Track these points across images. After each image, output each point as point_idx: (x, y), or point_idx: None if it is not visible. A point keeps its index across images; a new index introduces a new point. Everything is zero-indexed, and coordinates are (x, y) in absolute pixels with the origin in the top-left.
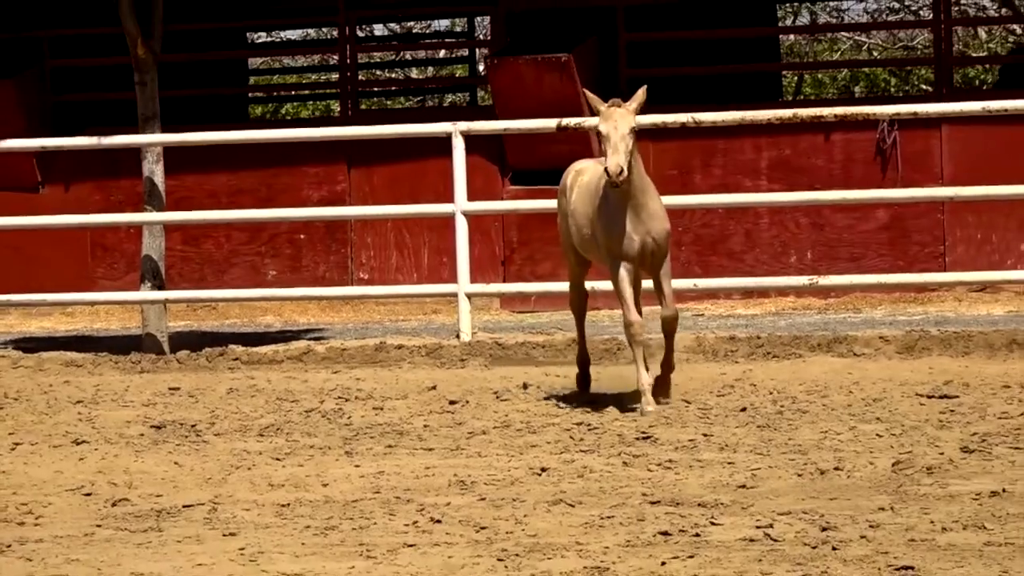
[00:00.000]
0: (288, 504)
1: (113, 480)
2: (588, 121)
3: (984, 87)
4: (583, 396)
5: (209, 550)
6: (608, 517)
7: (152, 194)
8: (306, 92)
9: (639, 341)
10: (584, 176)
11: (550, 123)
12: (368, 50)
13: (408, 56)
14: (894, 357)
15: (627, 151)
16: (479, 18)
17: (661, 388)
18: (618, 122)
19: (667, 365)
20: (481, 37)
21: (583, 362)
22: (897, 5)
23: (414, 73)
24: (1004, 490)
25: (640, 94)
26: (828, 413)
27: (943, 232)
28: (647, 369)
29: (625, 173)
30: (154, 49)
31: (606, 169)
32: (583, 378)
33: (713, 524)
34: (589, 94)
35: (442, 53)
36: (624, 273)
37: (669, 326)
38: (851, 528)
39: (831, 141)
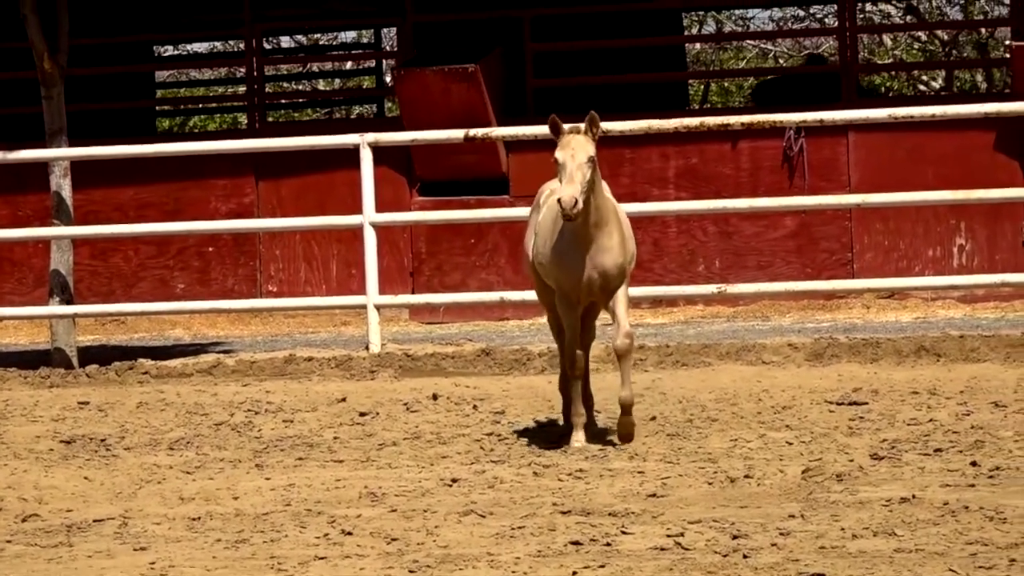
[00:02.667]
0: (199, 518)
1: (23, 495)
2: (495, 131)
3: (891, 94)
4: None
5: (120, 564)
6: (519, 527)
7: (60, 208)
8: (213, 105)
9: (575, 375)
10: (554, 196)
11: (458, 134)
12: (275, 62)
13: (315, 68)
14: (803, 364)
15: (583, 181)
16: (386, 29)
17: (622, 427)
18: (575, 150)
19: (624, 399)
20: (388, 48)
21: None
22: (802, 13)
23: (321, 85)
24: (914, 496)
25: (594, 117)
26: (738, 421)
27: (851, 239)
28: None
29: (580, 205)
30: (61, 63)
31: (559, 200)
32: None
33: (624, 533)
34: (556, 119)
35: (349, 65)
36: (568, 304)
37: (623, 349)
38: (762, 536)
39: (738, 149)
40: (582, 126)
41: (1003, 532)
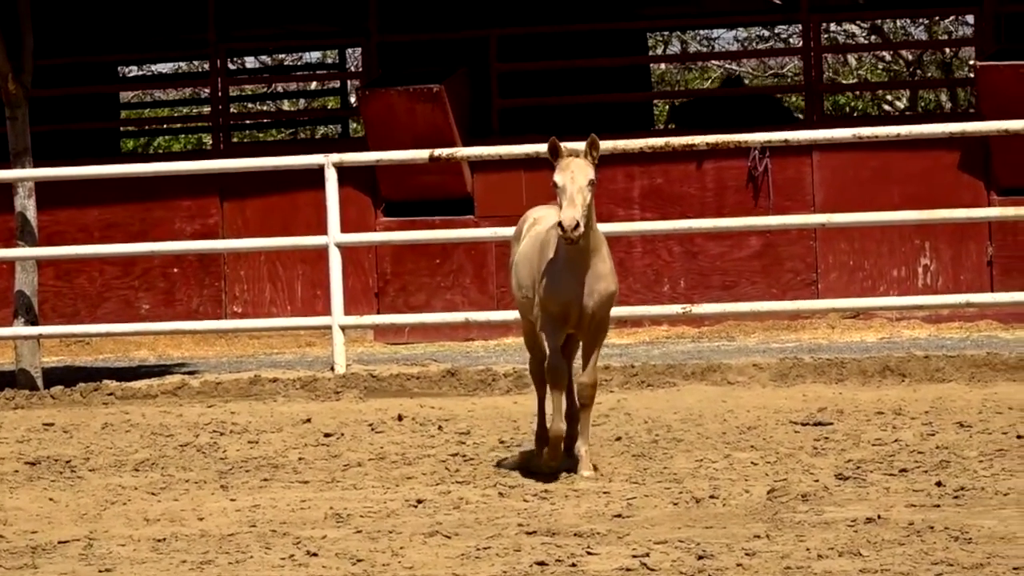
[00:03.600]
0: (164, 539)
1: None
2: (460, 152)
3: (855, 114)
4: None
5: None
6: (484, 548)
7: (24, 229)
8: (178, 125)
9: (558, 386)
10: (538, 225)
11: (422, 154)
12: (239, 83)
13: (280, 88)
14: (768, 385)
15: (584, 204)
16: (350, 50)
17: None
18: (575, 173)
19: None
20: (352, 68)
21: (542, 442)
22: (767, 33)
23: (286, 105)
24: (879, 516)
25: (595, 140)
26: (703, 441)
27: (815, 259)
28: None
29: (581, 228)
30: (25, 84)
31: (560, 223)
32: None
33: (589, 554)
34: (556, 141)
35: (314, 85)
36: (553, 328)
37: (585, 393)
38: (727, 556)
39: (703, 169)
40: (581, 149)
41: (968, 552)
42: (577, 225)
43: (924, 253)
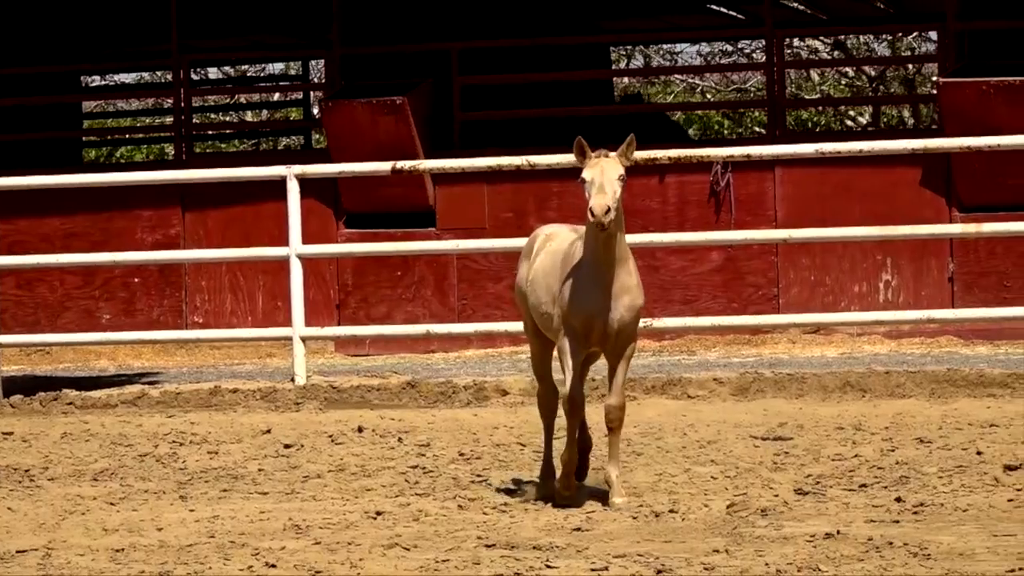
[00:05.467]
0: (122, 549)
1: None
2: (423, 164)
3: (818, 129)
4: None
5: None
6: (443, 561)
7: None
8: (140, 135)
9: (576, 416)
10: (553, 242)
11: (385, 166)
12: (202, 93)
13: (242, 99)
14: (728, 399)
15: (614, 194)
16: (313, 61)
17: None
18: (605, 168)
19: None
20: (316, 80)
21: (547, 475)
22: (730, 48)
23: (249, 116)
24: (838, 532)
25: (633, 140)
26: (663, 455)
27: (777, 274)
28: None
29: (612, 214)
30: None
31: (590, 209)
32: (544, 492)
33: (548, 567)
34: (581, 141)
35: (276, 96)
36: (575, 346)
37: (613, 416)
38: (686, 570)
39: (665, 183)
40: (612, 152)
41: (927, 568)
42: (608, 210)
43: (885, 269)
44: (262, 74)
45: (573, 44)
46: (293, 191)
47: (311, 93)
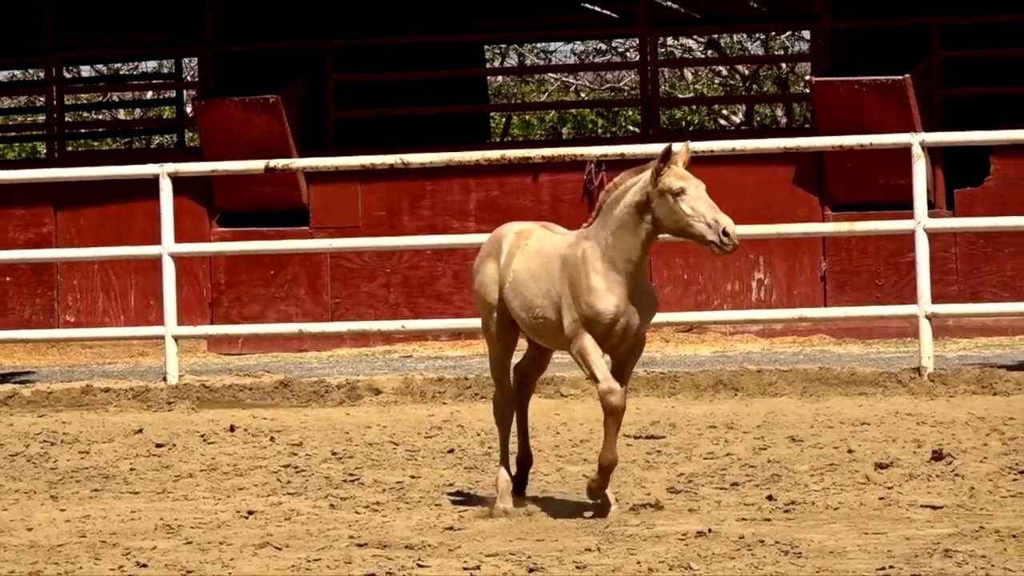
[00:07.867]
0: None
1: None
2: (296, 162)
3: (691, 128)
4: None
5: None
6: (315, 560)
7: None
8: (12, 134)
9: (618, 412)
10: (530, 241)
11: (258, 165)
12: (75, 91)
13: (115, 97)
14: None
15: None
16: (187, 59)
17: (603, 480)
18: (698, 183)
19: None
20: (189, 78)
21: (506, 488)
22: (604, 47)
23: (122, 115)
24: (710, 530)
25: (687, 147)
26: (536, 454)
27: (650, 272)
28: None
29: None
30: None
31: (724, 231)
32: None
33: (420, 566)
34: (671, 147)
35: (150, 94)
36: (600, 352)
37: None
38: (558, 569)
39: (539, 182)
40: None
41: (798, 566)
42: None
43: (758, 267)
44: (135, 72)
45: (447, 43)
46: (166, 190)
47: (184, 91)
